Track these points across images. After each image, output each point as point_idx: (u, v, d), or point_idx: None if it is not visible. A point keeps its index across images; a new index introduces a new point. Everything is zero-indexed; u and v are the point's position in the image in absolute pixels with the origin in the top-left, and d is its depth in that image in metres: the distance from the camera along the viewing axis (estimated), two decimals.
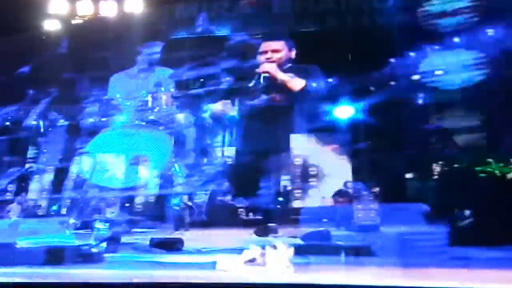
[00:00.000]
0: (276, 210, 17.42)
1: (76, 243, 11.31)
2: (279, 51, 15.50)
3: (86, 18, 23.81)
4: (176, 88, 30.49)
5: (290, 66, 16.18)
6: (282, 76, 14.86)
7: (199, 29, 21.94)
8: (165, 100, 24.00)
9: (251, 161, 19.19)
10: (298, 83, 16.77)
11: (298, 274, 8.62)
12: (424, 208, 15.09)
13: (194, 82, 29.85)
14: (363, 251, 10.72)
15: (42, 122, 21.28)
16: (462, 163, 20.08)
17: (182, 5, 23.71)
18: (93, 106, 21.73)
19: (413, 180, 19.61)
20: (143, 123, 21.87)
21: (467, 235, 10.01)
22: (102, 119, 20.86)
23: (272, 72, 14.71)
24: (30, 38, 21.43)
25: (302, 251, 9.04)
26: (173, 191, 17.97)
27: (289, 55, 15.90)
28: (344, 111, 21.57)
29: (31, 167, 20.52)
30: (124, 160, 21.74)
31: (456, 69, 19.58)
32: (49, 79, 21.80)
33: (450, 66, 19.09)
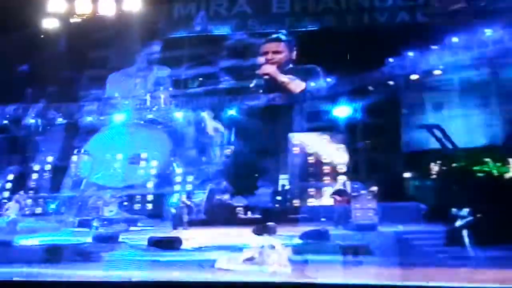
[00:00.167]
0: (274, 209, 17.44)
1: (74, 242, 11.33)
2: (280, 53, 15.53)
3: (85, 17, 23.79)
4: (174, 87, 30.49)
5: (290, 67, 16.17)
6: (282, 77, 14.90)
7: (198, 28, 21.97)
8: (163, 99, 23.98)
9: (251, 160, 19.19)
10: (298, 85, 16.76)
11: (296, 273, 8.65)
12: (421, 207, 15.13)
13: (192, 81, 29.85)
14: (361, 250, 10.75)
15: (41, 120, 21.28)
16: (460, 163, 20.15)
17: (180, 4, 23.69)
18: (91, 105, 21.73)
19: (410, 179, 19.66)
20: (142, 122, 21.88)
21: (465, 235, 10.04)
22: (101, 118, 20.87)
23: (272, 73, 14.74)
24: (28, 37, 21.43)
25: (300, 250, 9.08)
26: (171, 190, 17.97)
27: (289, 57, 15.91)
28: (343, 111, 21.59)
29: (30, 166, 20.52)
30: (122, 159, 21.75)
31: (454, 68, 19.62)
32: (47, 78, 21.80)
33: (447, 66, 19.11)
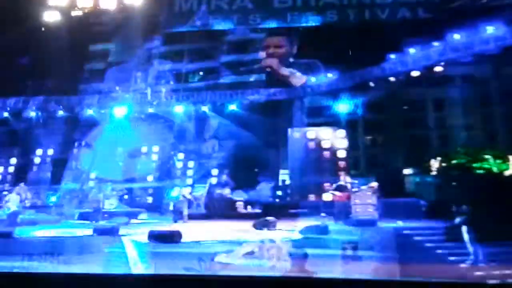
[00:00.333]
0: (275, 204, 17.40)
1: (75, 234, 11.37)
2: (282, 47, 15.59)
3: (86, 11, 23.67)
4: (175, 81, 30.23)
5: (292, 61, 16.21)
6: (284, 71, 14.94)
7: (199, 22, 21.89)
8: (164, 93, 23.83)
9: (251, 154, 19.07)
10: (299, 79, 16.77)
11: (295, 267, 8.68)
12: (422, 203, 15.09)
13: (193, 76, 29.59)
14: (360, 245, 10.76)
15: (42, 113, 21.22)
16: (461, 160, 20.05)
17: None
18: (92, 98, 21.65)
19: (411, 176, 19.62)
20: (143, 116, 21.77)
21: (464, 231, 10.07)
22: (101, 111, 20.82)
23: (274, 67, 14.78)
24: (30, 30, 21.36)
25: (300, 245, 9.11)
26: (172, 184, 17.96)
27: (291, 51, 15.95)
28: (344, 106, 21.55)
29: (31, 158, 20.52)
30: (123, 152, 21.67)
31: (455, 63, 19.50)
32: (48, 71, 21.68)
33: (448, 61, 18.98)
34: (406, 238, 11.80)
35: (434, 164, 22.58)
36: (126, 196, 19.79)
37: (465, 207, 10.93)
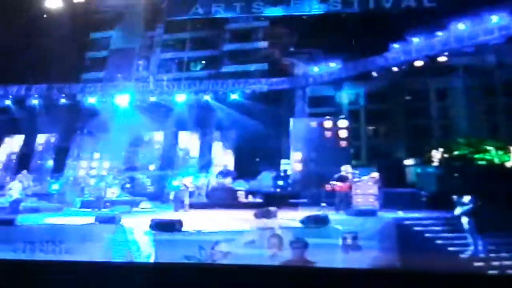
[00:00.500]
0: (276, 193, 17.43)
1: (77, 222, 11.43)
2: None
3: None
4: (177, 69, 30.02)
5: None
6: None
7: (202, 10, 21.76)
8: (166, 81, 23.71)
9: (253, 144, 19.07)
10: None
11: (295, 257, 8.74)
12: (423, 194, 15.09)
13: (195, 64, 29.41)
14: (361, 235, 10.81)
15: (44, 101, 21.23)
16: (463, 151, 19.99)
17: None
18: (94, 86, 21.63)
19: (412, 166, 19.61)
20: (145, 104, 21.73)
21: (465, 222, 10.11)
22: (103, 100, 20.82)
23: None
24: (31, 17, 21.28)
25: (300, 234, 9.15)
26: (174, 173, 18.00)
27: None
28: (346, 96, 21.52)
29: (33, 146, 20.58)
30: (125, 140, 21.66)
31: (458, 53, 19.40)
32: (50, 59, 21.62)
33: (452, 51, 18.90)
34: (406, 229, 11.86)
35: (436, 154, 22.57)
36: (128, 184, 19.87)
37: (466, 198, 10.96)
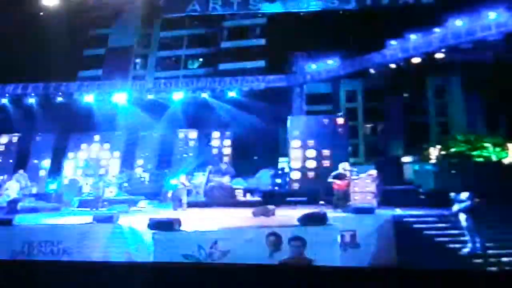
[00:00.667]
0: (274, 191, 17.39)
1: (74, 222, 11.39)
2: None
3: None
4: (174, 67, 29.86)
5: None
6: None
7: (199, 7, 21.70)
8: (163, 79, 23.53)
9: (251, 142, 19.02)
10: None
11: (293, 255, 8.75)
12: (420, 191, 15.08)
13: (193, 61, 29.25)
14: (359, 233, 10.80)
15: (40, 100, 21.15)
16: (460, 147, 19.98)
17: None
18: (91, 84, 21.55)
19: (410, 163, 19.62)
20: (142, 102, 21.64)
21: (463, 219, 10.11)
22: (101, 97, 20.76)
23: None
24: (28, 14, 21.18)
25: (298, 232, 9.14)
26: (172, 171, 17.96)
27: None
28: (344, 93, 21.49)
29: (30, 145, 20.48)
30: (124, 139, 21.56)
31: (456, 50, 19.39)
32: (47, 56, 21.52)
33: (450, 47, 18.88)
34: (404, 226, 11.85)
35: (434, 151, 22.59)
36: (126, 184, 19.83)
37: (463, 195, 10.96)
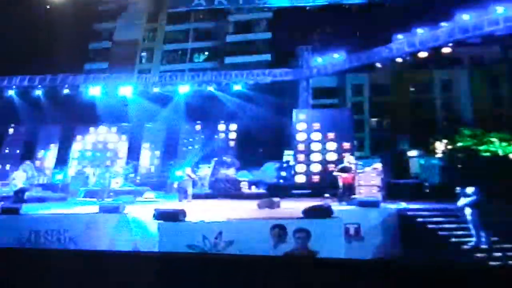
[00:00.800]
0: (279, 184, 17.44)
1: (80, 212, 11.49)
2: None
3: None
4: (180, 60, 29.88)
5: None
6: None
7: (204, 1, 21.67)
8: (169, 72, 23.55)
9: (256, 135, 19.07)
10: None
11: (298, 247, 8.79)
12: (426, 185, 15.08)
13: (199, 55, 29.26)
14: (363, 226, 10.83)
15: (47, 92, 21.26)
16: (466, 142, 19.92)
17: None
18: (97, 77, 21.61)
19: (416, 157, 19.59)
20: (148, 95, 21.69)
21: (468, 213, 10.12)
22: (107, 90, 20.82)
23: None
24: (33, 8, 21.26)
25: (303, 225, 9.18)
26: (177, 163, 18.02)
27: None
28: (350, 87, 21.47)
29: (37, 135, 20.61)
30: (130, 131, 21.64)
31: (463, 44, 19.30)
32: (53, 50, 21.61)
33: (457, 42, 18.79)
34: (409, 220, 11.86)
35: (440, 146, 22.54)
36: (132, 174, 19.96)
37: (469, 189, 10.94)
